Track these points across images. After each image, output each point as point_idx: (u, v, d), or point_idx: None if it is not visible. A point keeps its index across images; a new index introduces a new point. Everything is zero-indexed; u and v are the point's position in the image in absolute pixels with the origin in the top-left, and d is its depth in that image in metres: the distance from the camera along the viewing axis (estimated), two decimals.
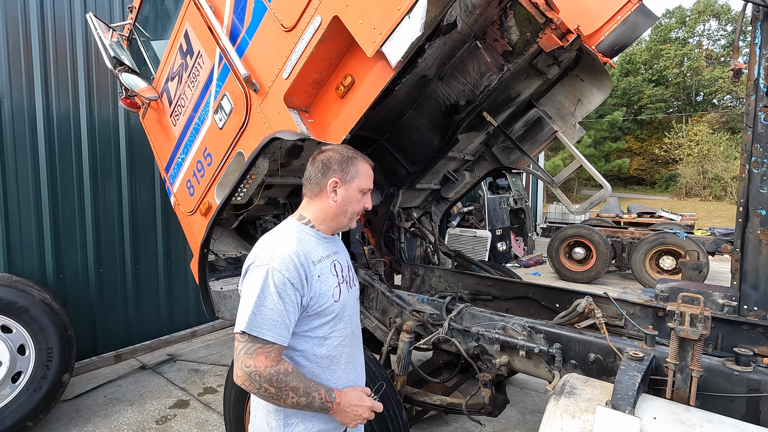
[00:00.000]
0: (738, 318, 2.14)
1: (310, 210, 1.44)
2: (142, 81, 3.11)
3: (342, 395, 1.33)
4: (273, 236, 1.38)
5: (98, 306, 4.45)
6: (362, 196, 1.45)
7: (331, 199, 1.41)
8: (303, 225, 1.42)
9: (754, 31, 2.20)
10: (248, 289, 1.27)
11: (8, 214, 3.83)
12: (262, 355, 1.22)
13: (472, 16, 2.47)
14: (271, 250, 1.30)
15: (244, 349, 1.23)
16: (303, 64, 1.98)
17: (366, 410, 1.35)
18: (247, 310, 1.23)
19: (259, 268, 1.27)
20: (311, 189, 1.43)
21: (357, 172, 1.42)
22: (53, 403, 3.25)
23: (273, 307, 1.24)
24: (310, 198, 1.44)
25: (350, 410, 1.32)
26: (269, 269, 1.26)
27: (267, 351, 1.23)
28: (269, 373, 1.20)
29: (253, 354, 1.21)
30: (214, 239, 3.36)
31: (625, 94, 37.03)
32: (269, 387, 1.21)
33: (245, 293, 1.28)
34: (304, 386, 1.25)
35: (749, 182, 2.22)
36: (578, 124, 3.02)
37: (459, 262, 4.04)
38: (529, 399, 3.82)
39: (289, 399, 1.23)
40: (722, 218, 20.90)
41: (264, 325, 1.22)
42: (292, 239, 1.35)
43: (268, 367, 1.21)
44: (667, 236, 7.75)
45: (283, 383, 1.22)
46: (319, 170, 1.41)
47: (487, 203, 9.81)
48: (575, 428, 1.30)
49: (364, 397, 1.37)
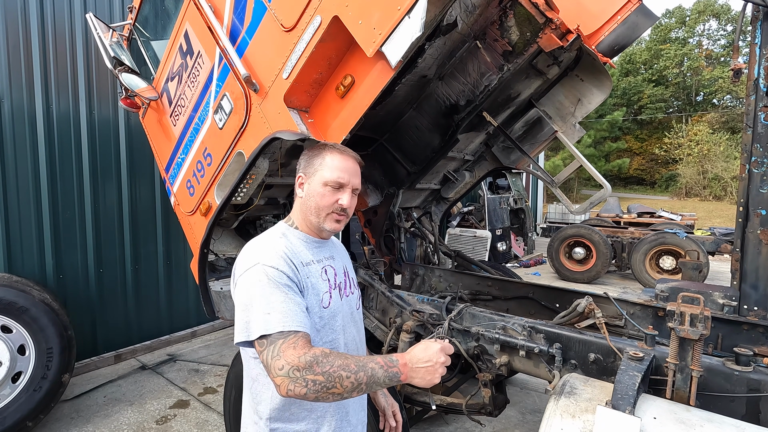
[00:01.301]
0: (738, 318, 2.14)
1: (294, 211, 1.40)
2: (142, 81, 3.11)
3: (405, 355, 1.16)
4: (258, 239, 1.31)
5: (98, 306, 4.45)
6: (329, 190, 1.30)
7: (298, 196, 1.36)
8: (288, 226, 1.38)
9: (754, 31, 2.20)
10: (246, 293, 1.15)
11: (8, 214, 3.83)
12: (288, 348, 1.06)
13: (472, 16, 2.47)
14: (257, 251, 1.23)
15: (269, 355, 1.07)
16: (303, 64, 1.98)
17: (439, 355, 1.16)
18: (257, 314, 1.11)
19: (250, 270, 1.18)
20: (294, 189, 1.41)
21: (321, 163, 1.31)
22: (53, 403, 3.25)
23: (280, 299, 1.12)
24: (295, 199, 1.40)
25: (422, 365, 1.14)
26: (260, 267, 1.17)
27: (292, 342, 1.07)
28: (306, 360, 1.04)
29: (280, 353, 1.05)
30: (214, 239, 3.36)
31: (625, 94, 37.04)
32: (316, 377, 1.03)
33: (244, 300, 1.15)
34: (353, 361, 1.09)
35: (749, 182, 2.22)
36: (578, 124, 3.02)
37: (459, 262, 4.04)
38: (529, 399, 3.82)
39: (345, 381, 1.05)
40: (722, 218, 20.91)
41: (279, 320, 1.09)
42: (278, 238, 1.29)
43: (301, 356, 1.04)
44: (667, 236, 7.75)
45: (328, 365, 1.05)
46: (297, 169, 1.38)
47: (487, 203, 9.82)
48: (575, 428, 1.30)
49: (428, 345, 1.18)
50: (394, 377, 1.11)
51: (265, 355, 1.08)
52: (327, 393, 1.05)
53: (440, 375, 1.15)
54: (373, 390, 1.12)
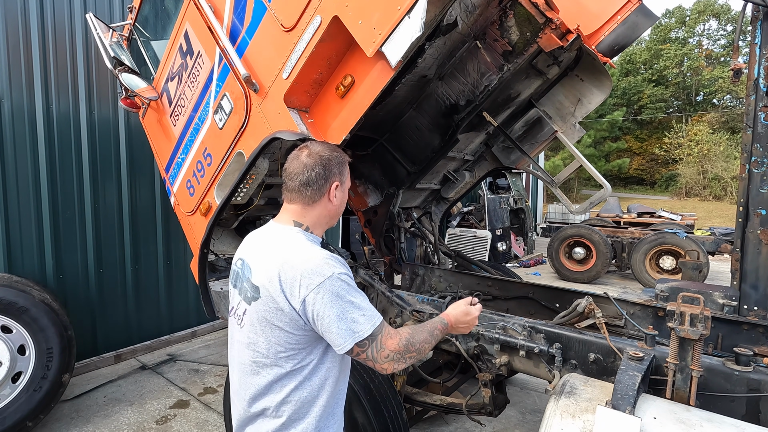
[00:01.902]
0: (738, 318, 2.14)
1: (308, 216, 1.35)
2: (142, 81, 3.11)
3: (448, 317, 1.47)
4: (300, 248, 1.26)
5: (98, 306, 4.45)
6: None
7: (332, 203, 1.36)
8: (305, 232, 1.34)
9: (754, 31, 2.20)
10: (336, 302, 1.18)
11: (8, 214, 3.83)
12: (386, 339, 1.23)
13: (472, 16, 2.47)
14: (317, 260, 1.22)
15: (374, 350, 1.22)
16: (303, 64, 1.98)
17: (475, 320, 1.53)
18: (357, 318, 1.19)
19: (327, 281, 1.18)
20: (311, 195, 1.32)
21: (348, 172, 1.42)
22: (53, 403, 3.25)
23: (362, 299, 1.25)
24: (305, 204, 1.34)
25: (462, 325, 1.50)
26: (335, 275, 1.20)
27: (386, 333, 1.24)
28: (403, 345, 1.25)
29: (382, 345, 1.22)
30: (214, 239, 3.37)
31: (625, 94, 37.03)
32: (411, 354, 1.27)
33: (336, 309, 1.17)
34: (427, 332, 1.36)
35: (749, 182, 2.22)
36: (578, 124, 3.02)
37: (459, 262, 4.04)
38: (529, 399, 3.82)
39: (426, 348, 1.33)
40: (722, 218, 20.90)
41: (371, 318, 1.23)
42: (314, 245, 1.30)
43: (398, 342, 1.24)
44: (667, 236, 7.75)
45: (417, 343, 1.29)
46: (321, 174, 1.31)
47: (487, 203, 9.81)
48: (575, 428, 1.30)
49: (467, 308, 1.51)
50: (445, 333, 1.45)
51: (371, 352, 1.22)
52: (418, 360, 1.43)
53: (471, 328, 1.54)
54: None
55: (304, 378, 1.26)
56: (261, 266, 1.28)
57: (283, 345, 1.24)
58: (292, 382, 1.25)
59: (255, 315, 1.27)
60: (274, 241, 1.32)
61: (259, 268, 1.28)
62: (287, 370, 1.25)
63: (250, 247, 1.39)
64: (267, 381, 1.26)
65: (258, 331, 1.26)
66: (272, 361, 1.25)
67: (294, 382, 1.25)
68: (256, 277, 1.28)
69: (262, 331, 1.26)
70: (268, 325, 1.24)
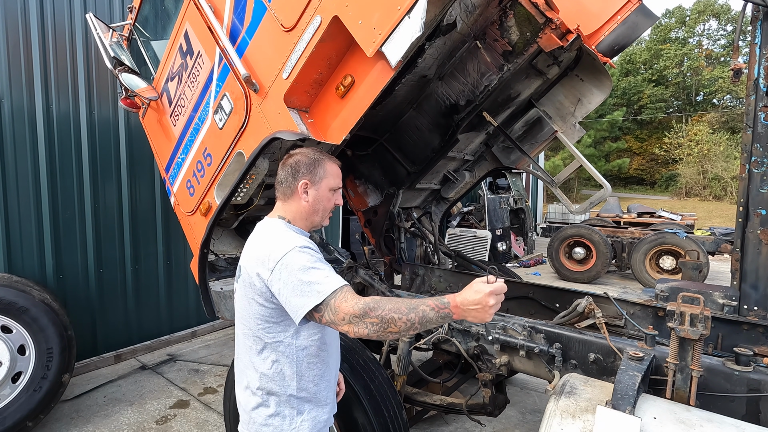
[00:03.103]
0: (738, 318, 2.14)
1: (287, 211, 1.52)
2: (142, 81, 3.11)
3: (456, 297, 1.24)
4: (271, 233, 1.42)
5: (98, 306, 4.45)
6: (332, 194, 1.54)
7: (303, 200, 1.49)
8: (287, 223, 1.49)
9: (754, 30, 2.20)
10: (292, 273, 1.28)
11: (8, 214, 3.83)
12: (341, 302, 1.23)
13: (472, 16, 2.48)
14: (283, 240, 1.35)
15: (331, 316, 1.24)
16: (303, 64, 1.98)
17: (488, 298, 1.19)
18: (312, 286, 1.25)
19: (287, 255, 1.30)
20: (283, 191, 1.52)
21: (325, 172, 1.51)
22: (53, 403, 3.25)
23: (321, 268, 1.29)
24: (284, 200, 1.53)
25: (473, 307, 1.20)
26: (296, 249, 1.31)
27: (342, 297, 1.24)
28: (359, 307, 1.20)
29: (337, 309, 1.22)
30: (214, 239, 3.36)
31: (625, 94, 37.03)
32: (372, 320, 1.19)
33: (292, 279, 1.27)
34: (404, 304, 1.22)
35: (749, 182, 2.22)
36: (578, 124, 3.02)
37: (459, 262, 4.04)
38: (529, 399, 3.82)
39: (399, 322, 1.19)
40: (722, 218, 20.91)
41: (328, 284, 1.25)
42: (291, 232, 1.43)
43: (354, 305, 1.21)
44: (667, 236, 7.75)
45: (379, 310, 1.20)
46: (289, 174, 1.49)
47: (487, 203, 9.82)
48: (575, 428, 1.30)
49: (480, 287, 1.22)
50: (446, 317, 1.23)
51: (329, 318, 1.24)
52: (384, 332, 1.21)
53: (492, 315, 1.22)
54: (428, 327, 1.26)
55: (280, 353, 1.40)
56: (246, 250, 1.47)
57: (261, 318, 1.39)
58: (272, 354, 1.40)
59: (241, 291, 1.44)
60: (260, 230, 1.49)
61: (245, 252, 1.47)
62: (266, 341, 1.40)
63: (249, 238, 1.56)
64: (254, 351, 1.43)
65: (244, 306, 1.43)
66: (254, 333, 1.41)
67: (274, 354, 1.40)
68: (242, 259, 1.47)
69: (246, 305, 1.42)
70: (247, 299, 1.40)
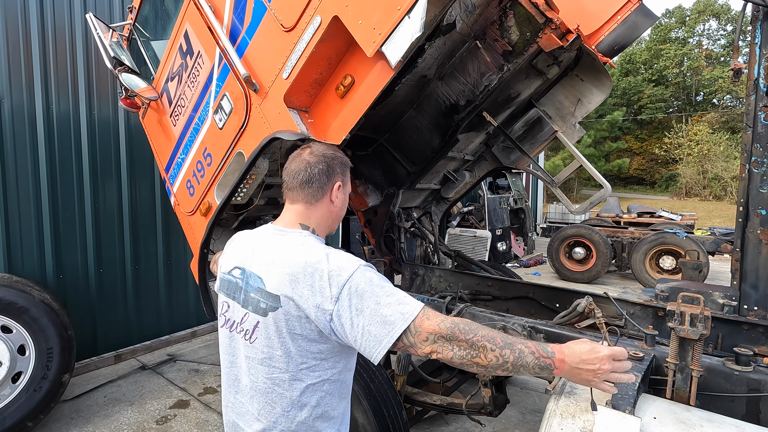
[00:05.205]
0: (738, 318, 2.14)
1: (312, 217, 1.28)
2: (142, 81, 3.11)
3: (564, 349, 1.05)
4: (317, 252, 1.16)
5: (98, 306, 4.45)
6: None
7: (334, 204, 1.30)
8: (315, 235, 1.26)
9: (754, 30, 2.20)
10: (367, 297, 1.08)
11: (8, 214, 3.83)
12: (422, 320, 1.05)
13: (472, 16, 2.47)
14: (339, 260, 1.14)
15: (410, 338, 1.05)
16: (303, 64, 1.98)
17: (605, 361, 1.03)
18: (393, 308, 1.06)
19: (354, 276, 1.09)
20: (313, 193, 1.25)
21: (349, 175, 1.36)
22: (53, 403, 3.25)
23: (395, 288, 1.12)
24: (310, 203, 1.27)
25: (585, 367, 1.02)
26: (361, 267, 1.12)
27: (424, 315, 1.07)
28: (447, 326, 1.04)
29: (419, 329, 1.05)
30: (214, 239, 3.36)
31: (625, 94, 37.05)
32: (459, 343, 1.03)
33: (369, 304, 1.07)
34: (500, 337, 1.04)
35: (749, 182, 2.22)
36: (578, 124, 3.02)
37: (459, 262, 4.04)
38: (529, 399, 3.82)
39: (490, 354, 1.02)
40: (722, 218, 20.91)
41: (411, 303, 1.09)
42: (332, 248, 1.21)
43: (440, 323, 1.05)
44: (667, 236, 7.75)
45: (471, 333, 1.03)
46: (324, 172, 1.25)
47: (487, 203, 9.81)
48: (575, 428, 1.30)
49: (595, 346, 1.04)
50: (545, 368, 1.04)
51: (412, 340, 1.06)
52: (471, 362, 1.03)
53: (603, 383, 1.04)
54: (520, 374, 1.08)
55: (325, 392, 1.19)
56: (277, 273, 1.16)
57: (308, 356, 1.15)
58: (314, 397, 1.18)
59: (273, 326, 1.15)
60: (285, 245, 1.21)
61: (275, 276, 1.16)
62: (307, 383, 1.16)
63: (249, 254, 1.27)
64: (286, 397, 1.17)
65: (275, 344, 1.15)
66: (292, 375, 1.15)
67: (315, 397, 1.18)
68: (272, 285, 1.15)
69: (281, 344, 1.15)
70: (289, 336, 1.14)
